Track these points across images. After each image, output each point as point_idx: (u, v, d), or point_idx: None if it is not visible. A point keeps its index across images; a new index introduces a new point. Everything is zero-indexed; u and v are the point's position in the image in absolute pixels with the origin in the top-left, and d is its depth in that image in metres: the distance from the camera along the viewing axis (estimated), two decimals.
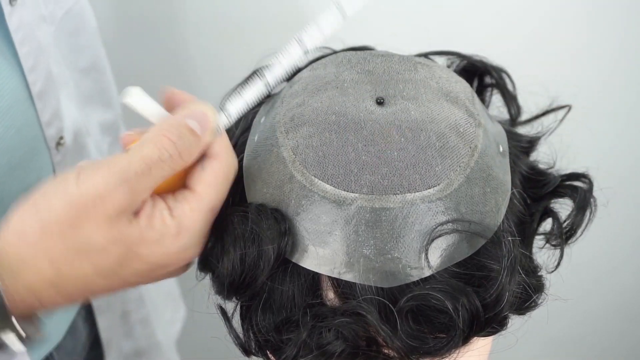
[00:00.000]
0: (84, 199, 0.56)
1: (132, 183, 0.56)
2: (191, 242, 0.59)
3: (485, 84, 0.73)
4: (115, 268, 0.58)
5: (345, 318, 0.55)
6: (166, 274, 0.61)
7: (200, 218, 0.59)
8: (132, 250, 0.57)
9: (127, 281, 0.59)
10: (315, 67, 0.65)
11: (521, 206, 0.63)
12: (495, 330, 0.59)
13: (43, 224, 0.57)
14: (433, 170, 0.57)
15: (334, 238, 0.56)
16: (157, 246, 0.58)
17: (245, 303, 0.60)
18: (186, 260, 0.60)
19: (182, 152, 0.58)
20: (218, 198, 0.60)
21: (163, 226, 0.57)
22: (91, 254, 0.57)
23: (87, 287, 0.59)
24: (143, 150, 0.57)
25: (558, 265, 0.65)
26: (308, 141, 0.59)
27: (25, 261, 0.57)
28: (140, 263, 0.58)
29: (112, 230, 0.56)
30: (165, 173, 0.58)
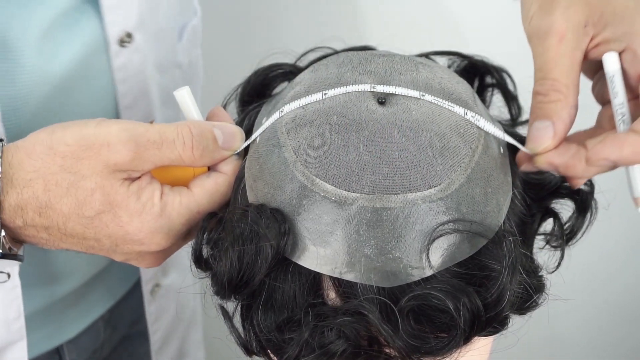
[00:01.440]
0: (93, 139, 0.60)
1: (141, 147, 0.60)
2: (167, 230, 0.62)
3: (486, 84, 0.73)
4: (93, 217, 0.61)
5: (346, 317, 0.55)
6: (135, 255, 0.63)
7: (185, 214, 0.62)
8: (113, 209, 0.60)
9: (99, 240, 0.62)
10: (317, 68, 0.65)
11: (522, 206, 0.63)
12: (496, 330, 0.59)
13: (52, 144, 0.61)
14: (434, 170, 0.57)
15: (335, 238, 0.57)
16: (136, 217, 0.61)
17: (245, 302, 0.60)
18: (157, 245, 0.62)
19: (196, 148, 0.61)
20: (208, 205, 0.63)
21: (148, 202, 0.61)
22: (79, 191, 0.60)
23: (64, 226, 0.62)
24: (163, 127, 0.61)
25: (558, 266, 0.65)
26: (309, 141, 0.59)
27: (24, 176, 0.60)
28: (116, 226, 0.61)
29: (104, 179, 0.60)
30: (174, 157, 0.61)
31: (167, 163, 0.62)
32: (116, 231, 0.61)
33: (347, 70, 0.63)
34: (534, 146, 0.61)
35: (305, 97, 0.62)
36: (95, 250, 0.64)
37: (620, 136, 0.58)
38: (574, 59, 0.61)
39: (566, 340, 1.53)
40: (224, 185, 0.64)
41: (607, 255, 1.43)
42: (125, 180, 0.61)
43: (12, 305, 0.75)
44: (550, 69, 0.61)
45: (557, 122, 0.60)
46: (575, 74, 0.61)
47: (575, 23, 0.61)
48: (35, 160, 0.61)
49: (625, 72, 0.61)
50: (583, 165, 0.59)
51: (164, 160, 0.61)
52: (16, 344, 0.77)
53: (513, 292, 0.57)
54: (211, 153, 0.63)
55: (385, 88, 0.61)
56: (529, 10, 0.63)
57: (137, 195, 0.61)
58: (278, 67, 0.71)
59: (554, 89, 0.61)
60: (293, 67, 0.71)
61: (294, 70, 0.71)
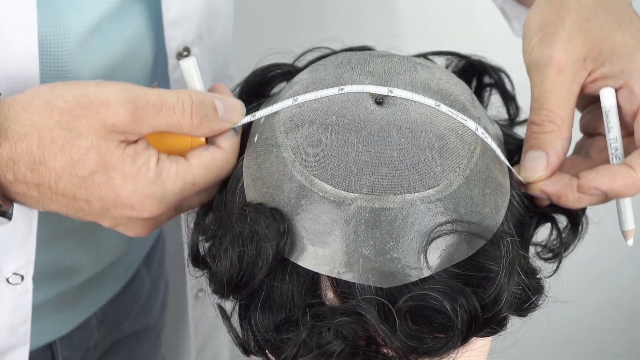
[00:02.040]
0: (92, 98, 0.60)
1: (139, 109, 0.59)
2: (160, 197, 0.61)
3: (484, 84, 0.73)
4: (86, 177, 0.60)
5: (344, 317, 0.55)
6: (124, 220, 0.63)
7: (179, 183, 0.61)
8: (107, 170, 0.60)
9: (90, 202, 0.61)
10: (316, 69, 0.65)
11: (521, 208, 0.63)
12: (494, 331, 0.59)
13: (51, 99, 0.60)
14: (433, 171, 0.57)
15: (334, 238, 0.57)
16: (130, 181, 0.60)
17: (244, 302, 0.60)
18: (148, 211, 0.61)
19: (195, 115, 0.61)
20: (203, 179, 0.62)
21: (144, 166, 0.60)
22: (73, 149, 0.59)
23: (56, 185, 0.61)
24: (164, 91, 0.61)
25: (556, 270, 0.65)
26: (308, 141, 0.59)
27: (19, 129, 0.59)
28: (108, 188, 0.60)
29: (100, 139, 0.59)
30: (172, 122, 0.60)
31: (165, 128, 0.61)
32: (108, 194, 0.60)
33: (345, 71, 0.63)
34: (527, 175, 0.63)
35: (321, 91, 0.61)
36: (85, 213, 0.63)
37: (613, 168, 0.60)
38: (571, 92, 0.63)
39: (565, 341, 1.53)
40: (222, 161, 0.63)
41: (606, 256, 1.43)
42: (122, 142, 0.60)
43: (20, 310, 0.74)
44: (546, 100, 0.63)
45: (551, 153, 0.62)
46: (571, 106, 0.63)
47: (575, 57, 0.62)
48: (32, 114, 0.60)
49: (621, 108, 0.62)
50: (575, 195, 0.61)
51: (161, 125, 0.61)
52: (18, 349, 0.76)
53: (511, 293, 0.57)
54: (210, 122, 0.62)
55: (402, 93, 0.61)
56: (530, 42, 0.65)
57: (133, 159, 0.60)
58: (276, 67, 0.71)
59: (549, 119, 0.62)
60: (291, 67, 0.71)
61: (293, 71, 0.71)
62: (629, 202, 0.63)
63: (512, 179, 0.64)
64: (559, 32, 0.63)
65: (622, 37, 0.62)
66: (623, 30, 0.62)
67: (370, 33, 1.25)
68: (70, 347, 0.91)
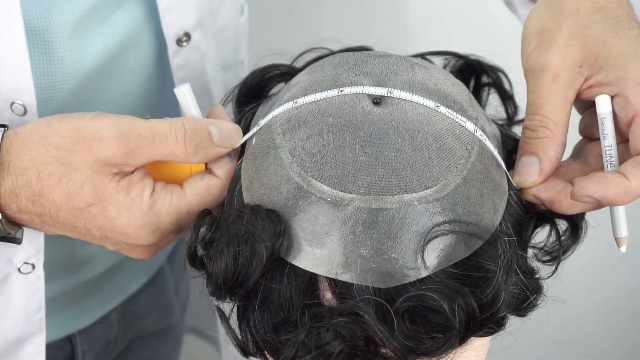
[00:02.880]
0: (86, 133, 0.61)
1: (132, 142, 0.61)
2: (155, 227, 0.63)
3: (482, 84, 0.73)
4: (83, 209, 0.62)
5: (343, 318, 0.55)
6: (125, 246, 0.65)
7: (174, 212, 0.63)
8: (102, 202, 0.62)
9: (90, 231, 0.64)
10: (313, 70, 0.65)
11: (519, 208, 0.63)
12: (492, 331, 0.59)
13: (48, 134, 0.62)
14: (430, 171, 0.57)
15: (331, 239, 0.57)
16: (124, 212, 0.62)
17: (242, 303, 0.60)
18: (144, 240, 0.63)
19: (189, 144, 0.62)
20: (198, 207, 0.64)
21: (137, 198, 0.62)
22: (70, 183, 0.62)
23: (56, 215, 0.63)
24: (156, 122, 0.62)
25: (555, 271, 0.65)
26: (305, 142, 0.59)
27: (20, 163, 0.62)
28: (104, 219, 0.62)
29: (94, 173, 0.61)
30: (166, 152, 0.62)
31: (160, 158, 0.62)
32: (105, 224, 0.63)
33: (343, 72, 0.63)
34: (520, 180, 0.63)
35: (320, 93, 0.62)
36: (87, 238, 0.65)
37: (607, 175, 0.59)
38: (566, 97, 0.63)
39: (565, 340, 1.53)
40: (216, 189, 0.64)
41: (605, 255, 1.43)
42: (116, 175, 0.62)
43: (33, 298, 0.76)
44: (541, 105, 0.63)
45: (544, 159, 0.62)
46: (565, 112, 0.63)
47: (571, 63, 0.62)
48: (31, 149, 0.62)
49: (616, 115, 0.62)
50: (569, 202, 0.61)
51: (155, 155, 0.62)
52: (35, 337, 0.78)
53: (509, 292, 0.57)
54: (205, 149, 0.63)
55: (401, 94, 0.61)
56: (528, 47, 0.65)
57: (127, 191, 0.62)
58: (275, 68, 0.71)
59: (543, 125, 0.62)
60: (290, 68, 0.71)
61: (291, 71, 0.71)
62: (622, 209, 0.63)
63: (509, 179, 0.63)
64: (556, 39, 0.63)
65: (619, 45, 0.62)
66: (620, 37, 0.62)
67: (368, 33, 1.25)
68: (89, 340, 0.92)
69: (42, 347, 0.79)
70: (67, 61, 0.71)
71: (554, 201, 0.62)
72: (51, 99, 0.71)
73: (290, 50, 0.74)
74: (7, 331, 0.77)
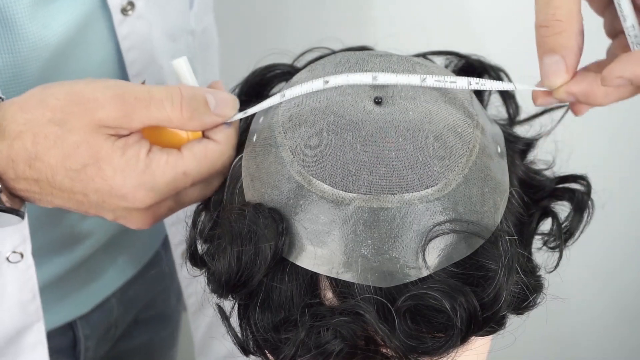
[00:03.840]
0: (82, 95, 0.61)
1: (128, 104, 0.61)
2: (150, 187, 0.62)
3: None
4: (79, 170, 0.61)
5: (343, 317, 0.55)
6: (122, 212, 0.64)
7: (170, 173, 0.62)
8: (98, 162, 0.61)
9: (87, 195, 0.63)
10: (314, 68, 0.65)
11: (520, 206, 0.63)
12: (493, 330, 0.59)
13: (44, 97, 0.62)
14: (431, 171, 0.57)
15: (332, 238, 0.57)
16: (120, 172, 0.61)
17: (243, 302, 0.60)
18: (140, 202, 0.62)
19: (185, 109, 0.62)
20: (195, 170, 0.63)
21: (133, 158, 0.61)
22: (65, 144, 0.61)
23: (53, 179, 0.62)
24: (153, 87, 0.62)
25: (557, 266, 0.65)
26: (306, 141, 0.59)
27: (15, 127, 0.61)
28: (101, 180, 0.61)
29: (89, 134, 0.61)
30: (162, 116, 0.61)
31: (156, 123, 0.62)
32: (101, 186, 0.62)
33: (344, 70, 0.63)
34: (550, 83, 0.60)
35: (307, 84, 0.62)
36: (85, 206, 0.64)
37: (635, 53, 0.57)
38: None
39: (564, 340, 1.53)
40: (215, 152, 0.64)
41: (605, 254, 1.43)
42: (112, 136, 0.62)
43: (26, 286, 0.76)
44: (549, 1, 0.60)
45: (567, 54, 0.60)
46: (576, 0, 0.60)
47: None
48: (27, 113, 0.62)
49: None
50: (602, 90, 0.59)
51: (151, 119, 0.62)
52: (34, 326, 0.79)
53: (510, 291, 0.57)
54: (201, 116, 0.63)
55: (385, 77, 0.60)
56: None
57: (123, 151, 0.61)
58: (275, 68, 0.71)
59: (556, 18, 0.59)
60: (290, 68, 0.72)
61: (292, 71, 0.71)
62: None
63: (512, 177, 0.63)
64: None
65: None
66: None
67: (369, 33, 1.25)
68: (90, 325, 0.93)
69: (43, 336, 0.79)
70: (33, 36, 0.70)
71: (588, 93, 0.59)
72: (20, 76, 0.71)
73: (291, 50, 0.75)
74: (5, 322, 0.77)
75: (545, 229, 0.66)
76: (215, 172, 0.64)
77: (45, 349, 0.80)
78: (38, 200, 0.65)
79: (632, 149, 1.36)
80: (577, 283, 1.19)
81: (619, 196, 1.08)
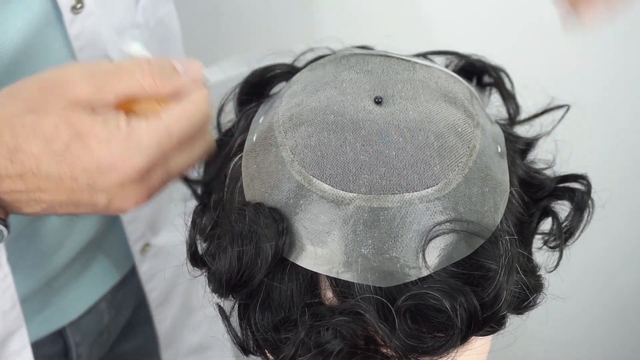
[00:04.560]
0: (53, 80, 0.61)
1: (98, 78, 0.61)
2: (138, 149, 0.61)
3: (483, 84, 0.73)
4: (64, 152, 0.60)
5: (343, 317, 0.55)
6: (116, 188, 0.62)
7: (153, 134, 0.61)
8: (81, 137, 0.60)
9: (76, 179, 0.61)
10: (314, 67, 0.65)
11: (520, 206, 0.63)
12: (493, 330, 0.59)
13: (14, 91, 0.62)
14: (431, 170, 0.57)
15: (332, 238, 0.57)
16: (105, 142, 0.60)
17: (243, 302, 0.60)
18: (132, 167, 0.61)
19: (156, 74, 0.62)
20: (177, 128, 0.62)
21: (115, 127, 0.60)
22: (45, 128, 0.60)
23: (38, 170, 0.61)
24: (122, 61, 0.63)
25: (557, 265, 0.65)
26: (306, 141, 0.59)
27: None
28: (87, 155, 0.60)
29: (67, 112, 0.60)
30: (134, 84, 0.61)
31: (129, 92, 0.62)
32: (88, 163, 0.60)
33: (344, 70, 0.63)
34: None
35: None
36: (77, 194, 0.62)
37: None
38: None
39: (564, 340, 1.53)
40: (192, 110, 0.63)
41: (605, 254, 1.43)
42: (90, 110, 0.61)
43: (5, 295, 0.75)
44: None
45: None
46: None
47: None
48: (0, 110, 0.61)
49: None
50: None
51: (124, 89, 0.61)
52: (17, 333, 0.78)
53: (510, 291, 0.57)
54: (172, 79, 0.63)
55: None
56: None
57: (102, 122, 0.60)
58: (275, 68, 0.71)
59: None
60: (291, 67, 0.71)
61: (292, 70, 0.71)
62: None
63: (512, 177, 0.63)
64: None
65: None
66: None
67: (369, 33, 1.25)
68: (81, 332, 0.92)
69: (26, 342, 0.79)
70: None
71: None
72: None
73: (291, 50, 0.74)
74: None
75: (546, 228, 0.65)
76: (196, 130, 0.64)
77: (29, 353, 0.79)
78: (24, 203, 0.63)
79: (633, 149, 1.36)
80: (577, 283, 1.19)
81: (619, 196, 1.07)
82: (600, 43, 1.25)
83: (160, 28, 0.93)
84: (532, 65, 1.05)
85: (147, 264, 0.95)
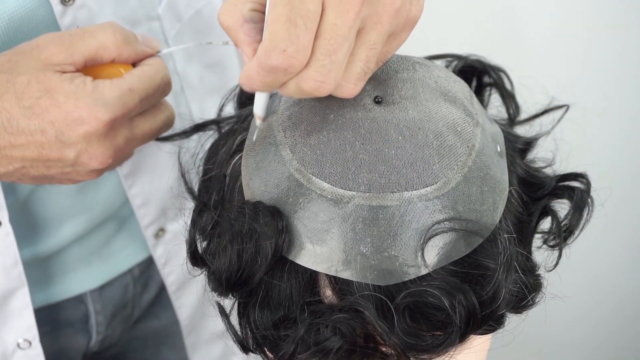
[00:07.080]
0: (24, 46, 0.68)
1: (65, 40, 0.67)
2: (103, 103, 0.65)
3: (483, 84, 0.73)
4: (33, 106, 0.65)
5: (342, 314, 0.55)
6: (83, 143, 0.66)
7: (116, 89, 0.66)
8: (49, 92, 0.65)
9: (45, 132, 0.66)
10: None
11: (519, 205, 0.63)
12: (492, 328, 0.59)
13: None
14: (430, 169, 0.57)
15: (332, 236, 0.57)
16: (72, 96, 0.65)
17: (243, 300, 0.60)
18: (97, 120, 0.65)
19: (118, 34, 0.68)
20: (138, 84, 0.67)
21: (82, 83, 0.66)
22: (16, 85, 0.66)
23: (9, 124, 0.66)
24: (87, 26, 0.68)
25: (557, 264, 0.65)
26: (306, 139, 0.59)
27: None
28: (55, 108, 0.65)
29: (38, 72, 0.66)
30: (97, 43, 0.67)
31: (94, 51, 0.67)
32: (57, 114, 0.65)
33: None
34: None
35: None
36: (45, 149, 0.66)
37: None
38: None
39: (563, 339, 1.53)
40: (151, 70, 0.68)
41: (604, 253, 1.43)
42: (58, 72, 0.66)
43: (8, 252, 0.79)
44: None
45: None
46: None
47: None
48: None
49: None
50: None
51: (90, 48, 0.67)
52: (19, 291, 0.81)
53: (509, 290, 0.57)
54: (133, 43, 0.68)
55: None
56: None
57: (70, 80, 0.66)
58: None
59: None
60: None
61: None
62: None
63: (511, 176, 0.64)
64: None
65: None
66: None
67: None
68: (102, 300, 0.95)
69: (28, 300, 0.82)
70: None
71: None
72: None
73: None
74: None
75: (545, 227, 0.66)
76: (156, 90, 0.68)
77: (31, 313, 0.82)
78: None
79: (632, 147, 1.36)
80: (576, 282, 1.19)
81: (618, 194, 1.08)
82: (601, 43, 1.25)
83: (196, 19, 0.93)
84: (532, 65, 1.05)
85: (162, 249, 0.96)
